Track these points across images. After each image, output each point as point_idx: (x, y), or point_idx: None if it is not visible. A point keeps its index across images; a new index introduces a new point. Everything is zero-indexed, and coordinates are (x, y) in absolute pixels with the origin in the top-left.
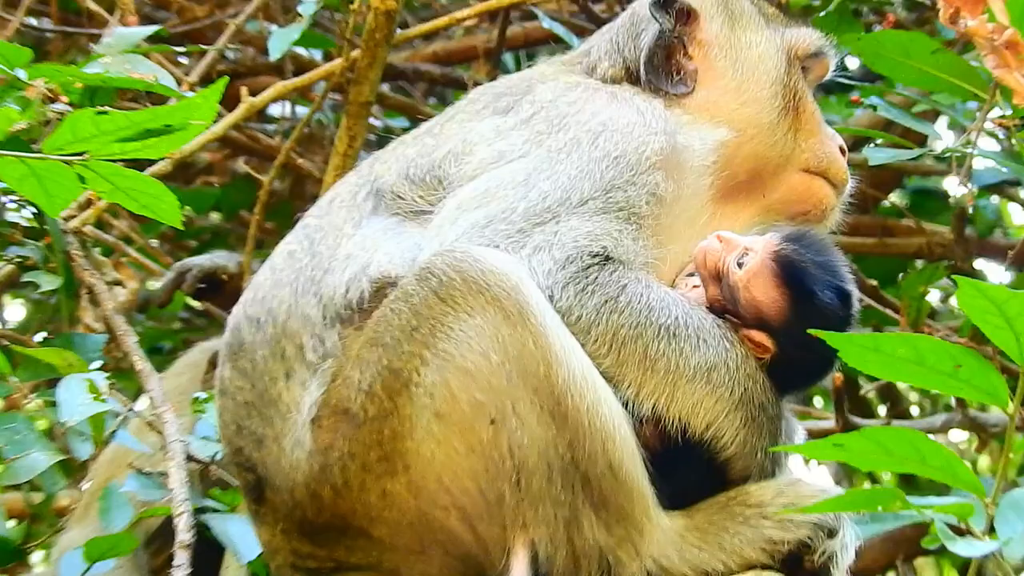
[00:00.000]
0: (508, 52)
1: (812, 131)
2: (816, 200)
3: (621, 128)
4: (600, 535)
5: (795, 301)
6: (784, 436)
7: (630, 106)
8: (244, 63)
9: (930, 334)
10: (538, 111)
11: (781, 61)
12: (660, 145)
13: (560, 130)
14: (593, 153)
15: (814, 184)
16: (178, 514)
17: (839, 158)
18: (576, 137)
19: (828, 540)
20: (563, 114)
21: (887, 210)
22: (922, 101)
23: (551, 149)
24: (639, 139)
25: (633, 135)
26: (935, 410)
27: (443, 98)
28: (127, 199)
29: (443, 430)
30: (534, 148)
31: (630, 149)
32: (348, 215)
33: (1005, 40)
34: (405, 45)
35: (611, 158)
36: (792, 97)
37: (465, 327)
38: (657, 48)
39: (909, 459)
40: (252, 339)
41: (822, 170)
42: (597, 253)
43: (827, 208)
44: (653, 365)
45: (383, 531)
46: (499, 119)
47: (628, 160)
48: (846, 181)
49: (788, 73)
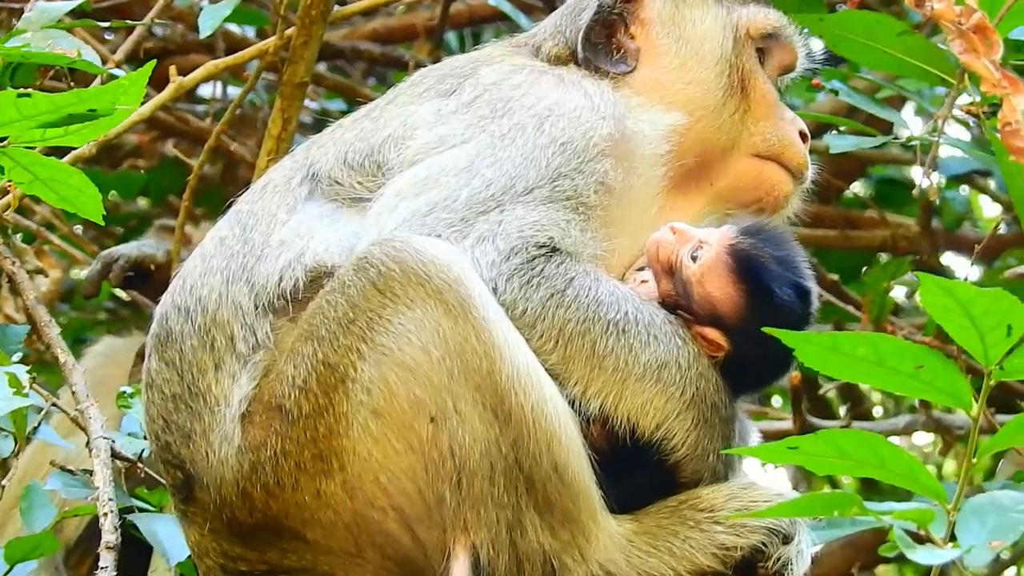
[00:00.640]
0: (452, 31)
1: (764, 114)
2: (768, 186)
3: (568, 113)
4: (545, 539)
5: (751, 297)
6: (738, 438)
7: (577, 89)
8: (173, 40)
9: (893, 332)
10: (480, 94)
11: (727, 39)
12: (608, 130)
13: (504, 115)
14: (539, 139)
15: (765, 169)
16: (104, 514)
17: (795, 142)
18: (520, 122)
19: (783, 546)
20: (507, 98)
21: (850, 201)
22: (887, 86)
23: (494, 135)
24: (587, 124)
25: (580, 120)
26: (898, 410)
27: (383, 78)
28: (46, 190)
29: (381, 428)
30: (477, 133)
31: (577, 135)
32: (282, 200)
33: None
34: (343, 22)
35: (557, 144)
36: (739, 77)
37: (404, 320)
38: (595, 25)
39: (868, 463)
40: (180, 329)
41: (775, 154)
42: (543, 244)
43: (781, 195)
44: (601, 362)
45: (317, 533)
46: (441, 102)
47: (575, 146)
48: (803, 166)
49: (736, 52)
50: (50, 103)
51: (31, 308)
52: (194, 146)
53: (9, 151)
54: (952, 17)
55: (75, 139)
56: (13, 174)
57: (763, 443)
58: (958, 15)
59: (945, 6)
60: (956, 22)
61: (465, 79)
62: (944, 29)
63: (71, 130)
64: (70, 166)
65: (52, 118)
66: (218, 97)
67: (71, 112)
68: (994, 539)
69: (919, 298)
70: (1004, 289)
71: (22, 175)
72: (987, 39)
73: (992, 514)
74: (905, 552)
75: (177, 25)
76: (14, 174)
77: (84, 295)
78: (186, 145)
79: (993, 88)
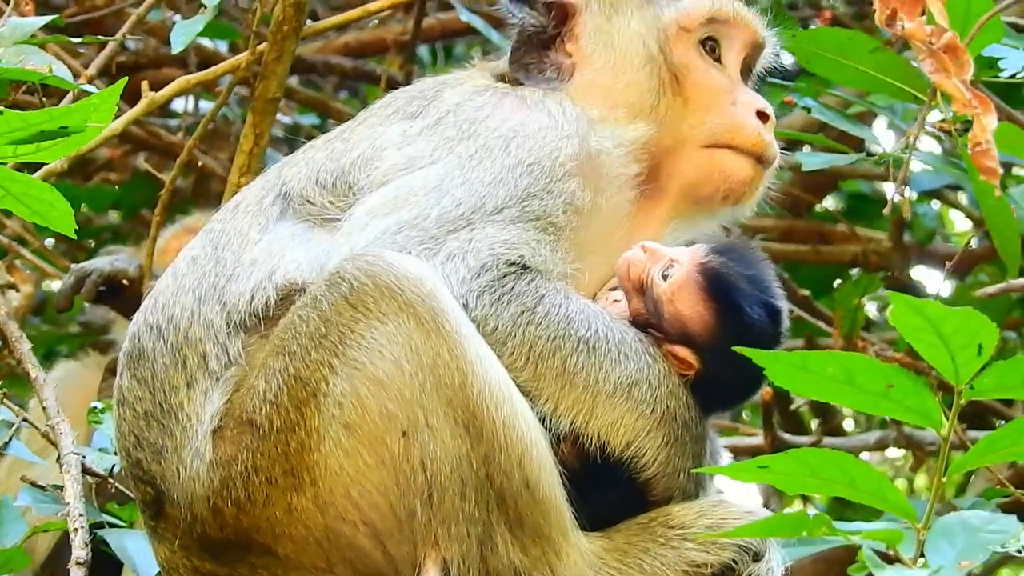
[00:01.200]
0: (424, 45)
1: (706, 104)
2: (723, 174)
3: (532, 133)
4: (515, 555)
5: (721, 316)
6: (708, 456)
7: (540, 109)
8: (146, 55)
9: (865, 348)
10: (444, 115)
11: (652, 38)
12: (574, 150)
13: (470, 136)
14: (506, 160)
15: (716, 157)
16: (74, 529)
17: (745, 124)
18: (487, 144)
19: (753, 563)
20: (471, 119)
21: (822, 215)
22: (858, 102)
23: (462, 156)
24: (552, 144)
25: (546, 140)
26: (870, 425)
27: (355, 92)
28: (18, 204)
29: (352, 442)
30: (445, 154)
31: (543, 155)
32: (254, 220)
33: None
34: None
35: (525, 165)
36: (670, 73)
37: (376, 334)
38: (521, 47)
39: (838, 482)
40: (152, 347)
41: (724, 141)
42: (514, 262)
43: (738, 180)
44: (572, 379)
45: (289, 548)
46: (407, 123)
47: (542, 167)
48: (760, 146)
49: (664, 49)
50: (21, 120)
51: (2, 323)
52: (166, 160)
53: None
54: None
55: (47, 155)
56: None
57: (733, 461)
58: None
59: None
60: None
61: (430, 101)
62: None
63: (43, 147)
64: (42, 181)
65: (23, 135)
66: (190, 111)
67: (43, 129)
68: (963, 559)
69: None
70: (975, 308)
71: None
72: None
73: (961, 534)
74: (874, 572)
75: (150, 40)
76: None
77: (57, 309)
78: (158, 159)
79: (964, 108)
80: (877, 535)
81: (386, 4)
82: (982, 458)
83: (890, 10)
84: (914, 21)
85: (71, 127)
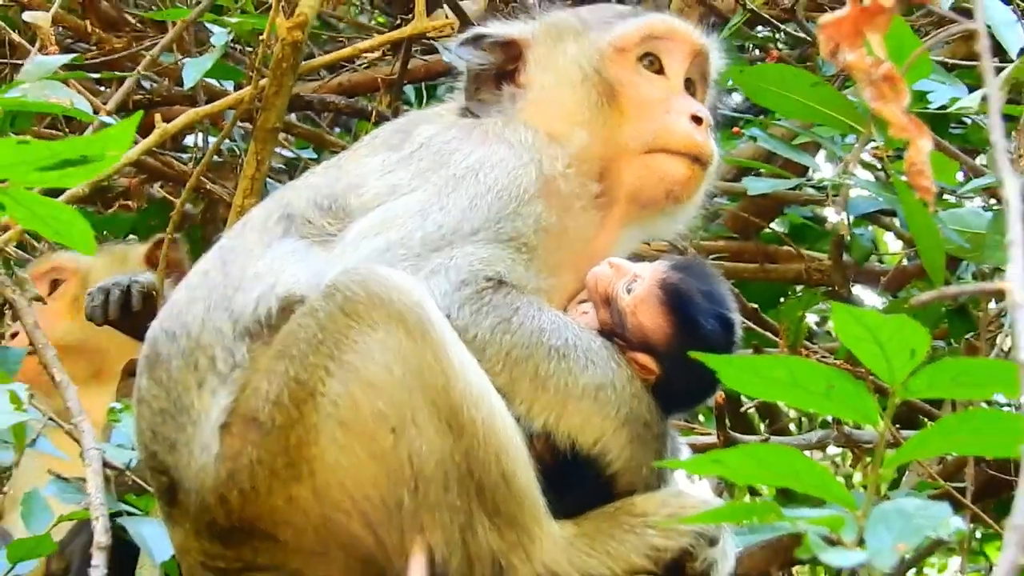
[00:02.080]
0: (410, 84)
1: (640, 115)
2: (660, 177)
3: (496, 163)
4: (493, 540)
5: (679, 327)
6: (669, 453)
7: (500, 140)
8: (159, 92)
9: (808, 356)
10: (417, 148)
11: (587, 59)
12: (533, 176)
13: (443, 167)
14: (477, 188)
15: (652, 162)
16: (95, 517)
17: (677, 128)
18: (456, 174)
19: (709, 548)
20: (442, 151)
21: (768, 237)
22: (803, 133)
23: (438, 184)
24: (513, 172)
25: (508, 168)
26: (812, 426)
27: (347, 127)
28: (43, 226)
29: (346, 438)
30: (423, 183)
31: (508, 183)
32: (259, 238)
33: (882, 74)
34: (312, 77)
35: (494, 192)
36: (605, 88)
37: (368, 340)
38: (472, 85)
39: (785, 474)
40: (168, 351)
41: (659, 146)
42: (491, 277)
43: (677, 180)
44: (544, 384)
45: (288, 534)
46: (388, 154)
47: (509, 192)
48: (694, 146)
49: (599, 67)
50: (47, 149)
51: (30, 331)
52: (179, 188)
53: (10, 191)
54: (863, 67)
55: (69, 181)
56: (13, 211)
57: (691, 456)
58: (869, 65)
59: (857, 57)
60: (867, 72)
61: (408, 134)
62: (856, 78)
63: (66, 173)
64: (63, 203)
65: (49, 162)
66: (200, 146)
67: (66, 157)
68: (899, 542)
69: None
70: (908, 316)
71: (21, 212)
72: (895, 87)
73: (898, 520)
74: (818, 554)
75: (163, 79)
76: (14, 211)
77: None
78: (171, 187)
79: (901, 132)
80: (821, 521)
81: (375, 43)
82: (916, 452)
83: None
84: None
85: (91, 155)
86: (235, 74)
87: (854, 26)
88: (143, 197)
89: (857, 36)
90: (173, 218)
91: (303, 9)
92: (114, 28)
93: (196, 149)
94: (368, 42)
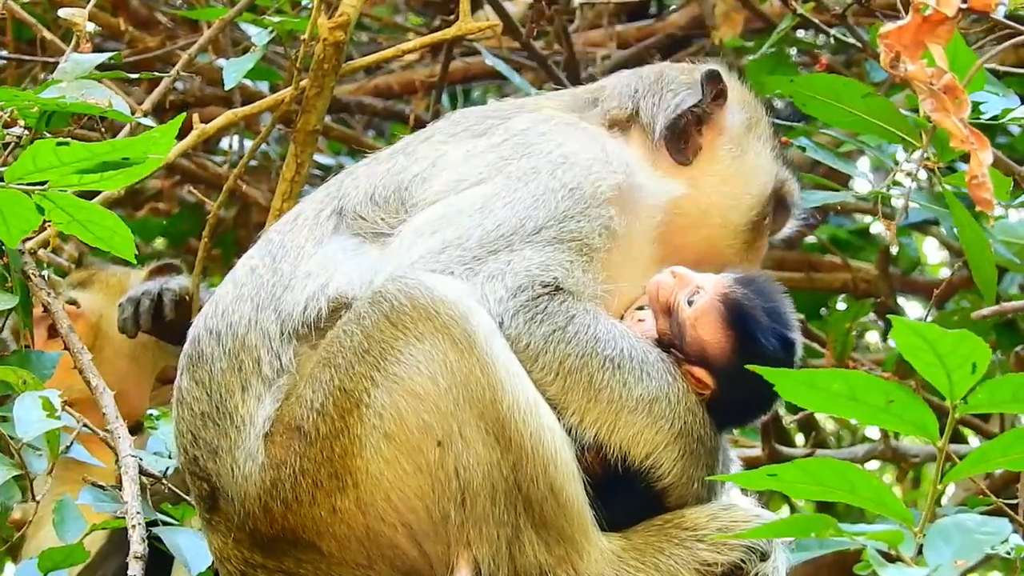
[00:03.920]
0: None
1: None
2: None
3: (581, 163)
4: (541, 554)
5: (738, 344)
6: (721, 467)
7: (597, 144)
8: (193, 93)
9: (855, 367)
10: (508, 138)
11: (769, 184)
12: (616, 182)
13: (524, 157)
14: (551, 183)
15: None
16: (132, 526)
17: None
18: (536, 166)
19: (760, 563)
20: (530, 143)
21: (812, 246)
22: (849, 141)
23: (511, 176)
24: (597, 174)
25: (592, 170)
26: (853, 440)
27: (381, 131)
28: (83, 231)
29: (392, 450)
30: (495, 174)
31: (586, 183)
32: (310, 234)
33: (943, 85)
34: (348, 79)
35: (567, 189)
36: (761, 217)
37: (414, 351)
38: (685, 114)
39: (840, 488)
40: (211, 351)
41: None
42: (548, 283)
43: None
44: (597, 395)
45: (332, 545)
46: (472, 142)
47: (583, 192)
48: None
49: (768, 196)
50: (86, 151)
51: (65, 336)
52: (212, 191)
53: (49, 194)
54: (924, 78)
55: (109, 184)
56: (52, 215)
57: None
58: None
59: (918, 68)
60: (928, 82)
61: (501, 123)
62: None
63: (106, 176)
64: (105, 209)
65: (88, 165)
66: (235, 150)
67: (105, 160)
68: (959, 558)
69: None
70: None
71: (60, 216)
72: (956, 98)
73: (957, 535)
74: (878, 570)
75: (197, 79)
76: (53, 215)
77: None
78: (204, 189)
79: (962, 144)
80: (880, 536)
81: (417, 45)
82: (975, 467)
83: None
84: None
85: (132, 158)
86: (270, 75)
87: (915, 36)
88: (173, 200)
89: (918, 46)
90: (209, 220)
91: (345, 9)
92: (145, 27)
93: (231, 153)
94: (411, 43)
